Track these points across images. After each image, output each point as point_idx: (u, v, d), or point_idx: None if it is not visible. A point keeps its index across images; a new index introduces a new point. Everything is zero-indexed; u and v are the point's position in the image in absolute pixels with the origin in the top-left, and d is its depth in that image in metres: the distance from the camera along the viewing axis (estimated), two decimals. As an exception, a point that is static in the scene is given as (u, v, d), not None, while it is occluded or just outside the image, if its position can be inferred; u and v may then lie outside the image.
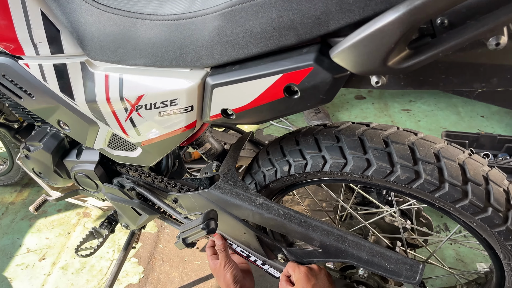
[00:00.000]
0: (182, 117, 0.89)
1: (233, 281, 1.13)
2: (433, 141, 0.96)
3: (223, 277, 1.14)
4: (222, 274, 1.14)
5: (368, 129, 1.00)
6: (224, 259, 1.14)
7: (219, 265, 1.15)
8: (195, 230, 1.00)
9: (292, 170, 1.08)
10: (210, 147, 1.26)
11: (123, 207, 1.26)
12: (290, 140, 1.10)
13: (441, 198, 0.92)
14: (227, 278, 1.13)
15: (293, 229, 1.07)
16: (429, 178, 0.91)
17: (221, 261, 1.15)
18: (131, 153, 1.11)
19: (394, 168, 0.94)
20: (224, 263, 1.14)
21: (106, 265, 1.85)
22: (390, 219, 1.22)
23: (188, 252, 1.88)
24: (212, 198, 1.13)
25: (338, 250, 1.04)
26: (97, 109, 0.99)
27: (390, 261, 1.00)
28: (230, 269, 1.13)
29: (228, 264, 1.14)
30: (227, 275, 1.13)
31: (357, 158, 0.97)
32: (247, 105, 0.78)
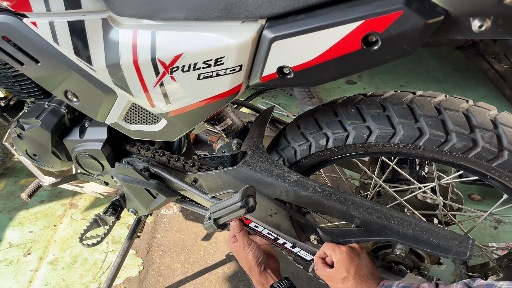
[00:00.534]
0: (226, 80, 0.79)
1: (256, 263, 1.05)
2: (486, 108, 0.91)
3: (244, 259, 1.06)
4: (244, 256, 1.06)
5: (416, 97, 0.94)
6: (243, 240, 1.06)
7: (239, 247, 1.07)
8: (231, 208, 0.90)
9: (330, 143, 1.00)
10: (231, 123, 1.16)
11: (136, 190, 1.14)
12: (326, 111, 1.02)
13: (499, 168, 0.87)
14: (249, 260, 1.05)
15: (332, 207, 0.99)
16: (487, 146, 0.86)
17: (240, 243, 1.07)
18: (152, 126, 0.99)
19: (449, 136, 0.88)
20: (243, 245, 1.06)
21: (100, 258, 1.71)
22: (422, 196, 1.17)
23: (189, 241, 1.77)
24: (241, 176, 1.03)
25: (382, 227, 0.97)
26: (119, 74, 0.87)
27: (438, 237, 0.95)
28: (252, 250, 1.05)
29: (247, 244, 1.06)
30: (249, 256, 1.05)
31: (407, 127, 0.90)
32: (312, 61, 0.69)
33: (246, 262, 1.06)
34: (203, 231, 1.81)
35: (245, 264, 1.07)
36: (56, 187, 1.99)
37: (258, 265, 1.05)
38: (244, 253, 1.06)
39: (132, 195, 1.18)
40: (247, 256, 1.05)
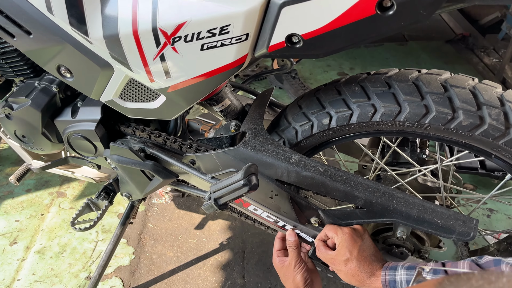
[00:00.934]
0: (231, 50, 0.76)
1: (303, 284, 1.01)
2: (492, 86, 0.89)
3: (292, 278, 1.02)
4: (291, 275, 1.02)
5: (422, 74, 0.92)
6: (295, 259, 1.02)
7: (288, 264, 1.03)
8: (233, 187, 0.87)
9: (333, 122, 0.98)
10: (229, 103, 1.13)
11: (131, 172, 1.10)
12: (329, 90, 1.00)
13: (505, 145, 0.86)
14: (297, 281, 1.01)
15: (334, 188, 0.97)
16: (494, 123, 0.85)
17: (291, 260, 1.03)
18: (150, 104, 0.96)
19: (456, 113, 0.86)
20: (294, 263, 1.02)
21: (90, 247, 1.66)
22: (422, 179, 1.16)
23: (182, 230, 1.74)
24: (241, 156, 1.00)
25: (385, 208, 0.96)
26: (117, 46, 0.83)
27: (442, 218, 0.93)
28: (301, 270, 1.01)
29: (299, 264, 1.02)
30: (297, 278, 1.01)
31: (413, 104, 0.89)
32: (322, 28, 0.67)
33: (293, 282, 1.02)
34: (196, 220, 1.78)
35: (290, 283, 1.02)
36: (43, 176, 1.94)
37: (305, 286, 1.01)
38: (293, 272, 1.02)
39: (126, 178, 1.14)
40: (295, 276, 1.01)
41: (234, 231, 1.73)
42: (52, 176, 1.99)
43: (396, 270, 0.90)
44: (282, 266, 1.04)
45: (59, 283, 1.53)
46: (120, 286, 1.52)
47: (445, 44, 3.20)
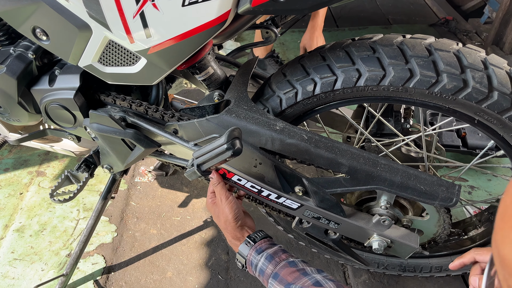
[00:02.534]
0: (213, 5, 0.73)
1: (233, 218, 1.00)
2: (476, 50, 0.89)
3: (221, 212, 1.00)
4: (221, 210, 1.00)
5: (407, 39, 0.91)
6: (220, 193, 1.00)
7: (218, 200, 1.01)
8: (216, 152, 0.86)
9: (317, 89, 0.97)
10: (212, 72, 1.11)
11: (112, 141, 1.07)
12: (313, 57, 0.98)
13: (489, 108, 0.86)
14: (226, 213, 1.00)
15: (318, 155, 0.97)
16: (478, 86, 0.85)
17: (217, 196, 1.01)
18: (130, 68, 0.93)
19: (440, 77, 0.86)
20: (220, 197, 1.00)
21: (71, 225, 1.63)
22: (406, 149, 1.16)
23: (165, 208, 1.71)
24: (224, 124, 0.99)
25: (369, 175, 0.96)
26: (95, 3, 0.80)
27: (425, 184, 0.94)
28: (229, 203, 1.00)
29: (225, 197, 1.00)
30: (226, 210, 1.00)
31: (398, 68, 0.88)
32: (307, -21, 0.65)
33: (222, 215, 1.01)
34: (180, 198, 1.76)
35: (221, 218, 1.01)
36: (22, 155, 1.90)
37: (235, 219, 1.00)
38: (221, 206, 1.00)
39: (107, 148, 1.11)
40: (224, 209, 1.00)
41: (218, 209, 1.71)
42: (31, 155, 1.94)
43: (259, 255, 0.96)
44: (213, 204, 1.03)
45: (39, 261, 1.50)
46: (102, 263, 1.50)
47: (429, 28, 3.21)
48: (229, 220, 1.00)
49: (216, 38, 1.15)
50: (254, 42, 1.38)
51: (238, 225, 1.01)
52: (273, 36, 1.34)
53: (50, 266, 1.49)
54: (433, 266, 1.33)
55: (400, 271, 1.39)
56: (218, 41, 1.20)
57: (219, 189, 1.01)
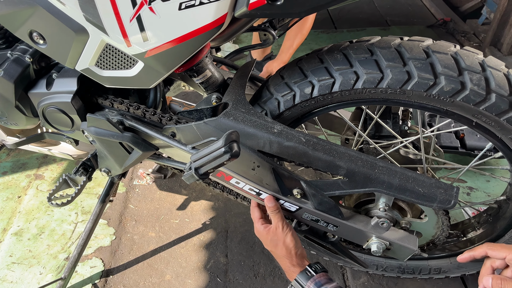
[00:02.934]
0: (210, 9, 0.73)
1: (295, 246, 1.00)
2: (474, 52, 0.89)
3: (282, 241, 1.00)
4: (281, 238, 1.00)
5: (404, 41, 0.91)
6: (281, 221, 1.01)
7: (275, 228, 1.00)
8: (214, 155, 0.85)
9: (315, 91, 0.97)
10: (210, 75, 1.11)
11: (110, 144, 1.07)
12: (311, 59, 0.98)
13: (486, 111, 0.86)
14: (287, 242, 1.00)
15: (316, 157, 0.97)
16: (475, 88, 0.85)
17: (277, 223, 1.01)
18: (127, 71, 0.93)
19: (437, 79, 0.86)
20: (282, 225, 1.00)
21: (69, 228, 1.63)
22: (404, 151, 1.16)
23: (163, 211, 1.71)
24: (222, 127, 0.99)
25: (367, 178, 0.95)
26: (91, 7, 0.80)
27: (424, 186, 0.94)
28: (290, 231, 1.00)
29: (286, 225, 1.00)
30: (287, 239, 0.99)
31: (396, 70, 0.88)
32: (304, -18, 0.65)
33: (282, 243, 1.00)
34: (178, 200, 1.76)
35: (280, 245, 1.00)
36: (20, 159, 1.89)
37: (296, 247, 1.00)
38: (281, 234, 1.00)
39: (105, 151, 1.11)
40: (285, 238, 1.00)
41: (217, 211, 1.71)
42: (30, 159, 1.93)
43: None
44: (268, 231, 1.02)
45: (37, 264, 1.49)
46: (100, 266, 1.49)
47: (427, 29, 3.22)
48: (291, 248, 1.00)
49: (214, 41, 1.15)
50: (252, 45, 1.37)
51: (299, 253, 1.01)
52: (271, 39, 1.34)
53: (49, 269, 1.48)
54: (432, 267, 1.33)
55: (399, 273, 1.39)
56: (215, 44, 1.20)
57: (279, 217, 1.01)
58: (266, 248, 1.06)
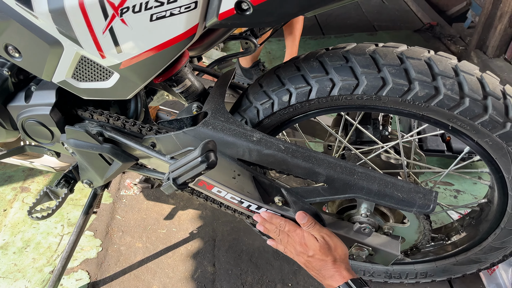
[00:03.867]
0: (181, 20, 0.74)
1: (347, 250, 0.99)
2: (447, 57, 0.90)
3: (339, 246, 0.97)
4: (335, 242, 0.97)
5: (379, 47, 0.92)
6: (324, 229, 0.99)
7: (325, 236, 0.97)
8: (191, 165, 0.85)
9: (293, 99, 0.97)
10: (190, 84, 1.11)
11: (90, 156, 1.06)
12: (288, 67, 0.99)
13: (461, 115, 0.87)
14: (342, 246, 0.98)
15: (296, 165, 0.97)
16: (449, 93, 0.85)
17: (322, 233, 0.97)
18: (104, 83, 0.92)
19: (412, 85, 0.87)
20: (328, 233, 0.98)
21: (55, 241, 1.61)
22: (386, 156, 1.16)
23: (151, 221, 1.70)
24: (201, 136, 0.99)
25: (346, 184, 0.95)
26: (64, 20, 0.79)
27: (403, 191, 0.94)
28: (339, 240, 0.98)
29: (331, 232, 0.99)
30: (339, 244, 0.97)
31: (370, 76, 0.89)
32: (271, -8, 0.66)
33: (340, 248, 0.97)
34: (166, 210, 1.75)
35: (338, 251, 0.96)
36: (6, 171, 1.88)
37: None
38: (332, 242, 0.97)
39: (85, 163, 1.10)
40: (336, 244, 0.97)
41: (205, 220, 1.71)
42: (16, 171, 1.92)
43: None
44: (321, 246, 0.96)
45: (22, 278, 1.48)
46: (86, 279, 1.48)
47: (414, 34, 3.24)
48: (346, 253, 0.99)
49: (194, 50, 1.16)
50: (235, 53, 1.38)
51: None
52: (253, 47, 1.35)
53: (34, 283, 1.47)
54: (418, 272, 1.33)
55: (386, 278, 1.39)
56: (196, 53, 1.21)
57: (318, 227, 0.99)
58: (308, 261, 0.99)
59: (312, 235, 0.98)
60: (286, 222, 1.02)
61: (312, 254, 0.97)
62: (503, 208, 1.05)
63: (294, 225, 1.01)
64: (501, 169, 0.97)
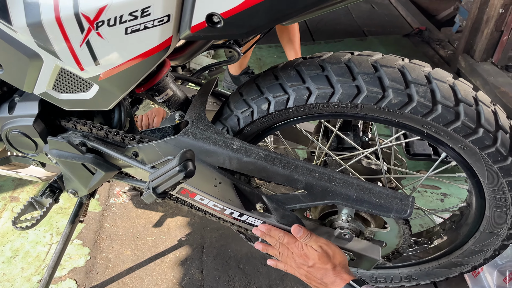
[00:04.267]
0: (155, 33, 0.75)
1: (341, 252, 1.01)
2: (421, 65, 0.92)
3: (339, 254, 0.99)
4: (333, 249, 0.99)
5: (354, 56, 0.94)
6: (320, 239, 1.00)
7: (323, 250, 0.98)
8: (169, 174, 0.87)
9: (272, 107, 0.99)
10: (172, 93, 1.12)
11: (73, 166, 1.08)
12: (267, 76, 1.00)
13: (434, 121, 0.89)
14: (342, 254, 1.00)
15: (275, 172, 0.98)
16: (422, 100, 0.87)
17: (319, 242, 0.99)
18: (84, 94, 0.94)
19: (386, 92, 0.89)
20: (326, 242, 0.99)
21: (43, 250, 1.62)
22: (367, 162, 1.18)
23: (139, 229, 1.71)
24: (182, 145, 1.00)
25: (325, 190, 0.97)
26: (42, 33, 0.81)
27: (380, 197, 0.95)
28: (337, 247, 1.00)
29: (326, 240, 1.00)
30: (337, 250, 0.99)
31: (345, 85, 0.90)
32: (239, 6, 0.67)
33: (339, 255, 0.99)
34: (154, 218, 1.76)
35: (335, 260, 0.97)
36: (-6, 180, 1.88)
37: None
38: (331, 250, 0.98)
39: (69, 173, 1.11)
40: (334, 251, 0.98)
41: (193, 227, 1.72)
42: (5, 181, 1.93)
43: None
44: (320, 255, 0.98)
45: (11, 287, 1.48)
46: (74, 287, 1.48)
47: (403, 38, 3.28)
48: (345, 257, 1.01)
49: (176, 60, 1.17)
50: (217, 62, 1.40)
51: None
52: (236, 55, 1.37)
53: (22, 293, 1.47)
54: (402, 276, 1.34)
55: (372, 282, 1.40)
56: (178, 63, 1.22)
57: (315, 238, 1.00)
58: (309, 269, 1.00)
59: (311, 246, 0.99)
60: (285, 235, 1.04)
61: (312, 264, 0.98)
62: (482, 211, 1.07)
63: (292, 237, 1.03)
64: (476, 174, 0.99)
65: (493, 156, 0.91)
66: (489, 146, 0.90)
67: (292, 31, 2.38)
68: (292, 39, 2.40)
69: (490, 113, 0.90)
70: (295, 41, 2.40)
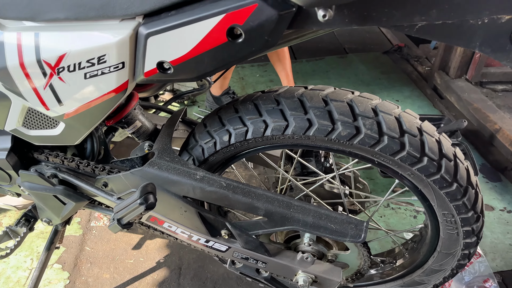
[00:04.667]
0: (112, 77, 0.81)
1: None
2: (369, 98, 0.98)
3: None
4: None
5: (307, 91, 1.00)
6: None
7: None
8: (131, 207, 0.91)
9: (232, 139, 1.04)
10: (140, 125, 1.18)
11: (44, 197, 1.12)
12: (228, 109, 1.06)
13: (381, 152, 0.94)
14: None
15: (237, 200, 1.03)
16: (369, 132, 0.93)
17: None
18: (52, 131, 0.99)
19: (335, 125, 0.94)
20: None
21: (24, 275, 1.65)
22: (329, 186, 1.23)
23: (119, 251, 1.75)
24: (147, 176, 1.05)
25: (284, 217, 1.02)
26: (8, 78, 0.86)
27: (336, 222, 1.00)
28: None
29: None
30: None
31: (298, 118, 0.96)
32: (186, 55, 0.73)
33: None
34: (134, 240, 1.80)
35: None
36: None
37: None
38: None
39: (41, 204, 1.16)
40: None
41: (172, 249, 1.75)
42: (-12, 206, 1.96)
43: None
44: None
45: (-11, 315, 1.51)
46: (53, 312, 1.52)
47: (382, 55, 3.36)
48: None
49: (146, 92, 1.23)
50: (189, 90, 1.45)
51: None
52: (207, 84, 1.43)
53: (1, 318, 1.50)
54: (371, 294, 1.39)
55: (343, 301, 1.44)
56: (149, 94, 1.28)
57: None
58: None
59: None
60: None
61: None
62: (437, 233, 1.12)
63: None
64: (427, 198, 1.04)
65: (439, 183, 0.97)
66: (434, 173, 0.95)
67: (282, 52, 2.40)
68: (281, 59, 2.40)
69: (434, 142, 0.95)
70: (285, 62, 2.41)
